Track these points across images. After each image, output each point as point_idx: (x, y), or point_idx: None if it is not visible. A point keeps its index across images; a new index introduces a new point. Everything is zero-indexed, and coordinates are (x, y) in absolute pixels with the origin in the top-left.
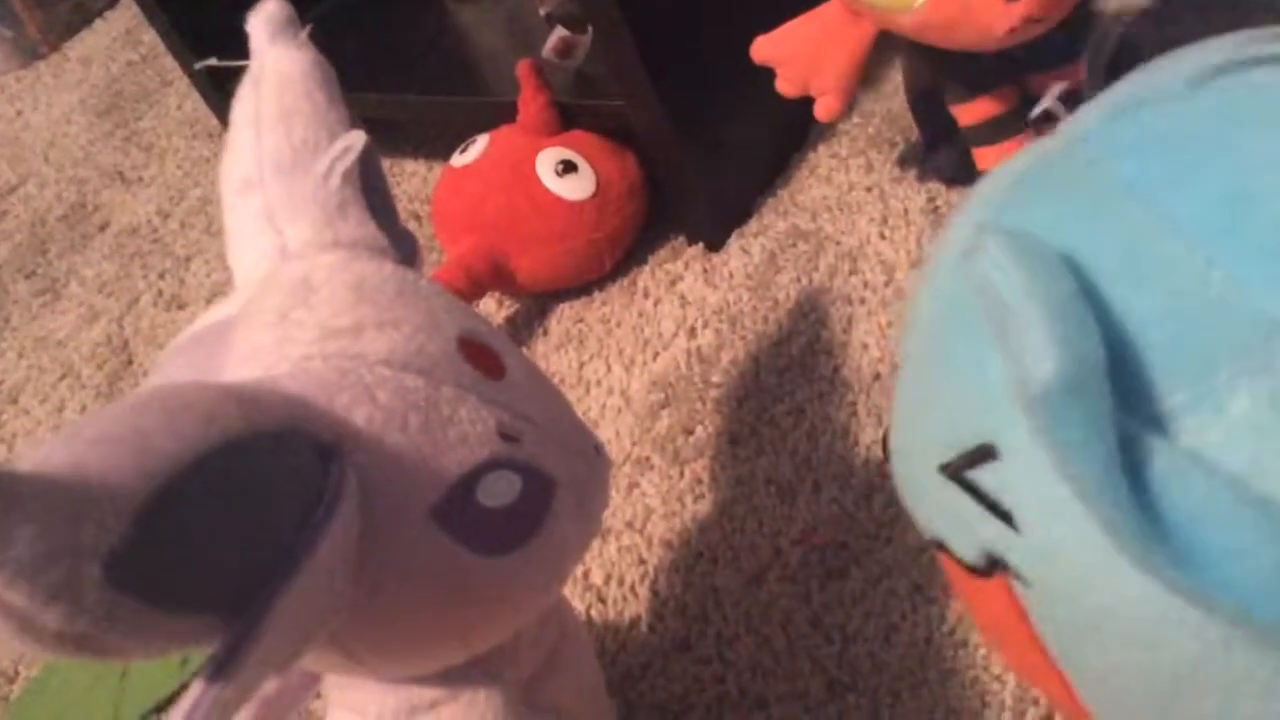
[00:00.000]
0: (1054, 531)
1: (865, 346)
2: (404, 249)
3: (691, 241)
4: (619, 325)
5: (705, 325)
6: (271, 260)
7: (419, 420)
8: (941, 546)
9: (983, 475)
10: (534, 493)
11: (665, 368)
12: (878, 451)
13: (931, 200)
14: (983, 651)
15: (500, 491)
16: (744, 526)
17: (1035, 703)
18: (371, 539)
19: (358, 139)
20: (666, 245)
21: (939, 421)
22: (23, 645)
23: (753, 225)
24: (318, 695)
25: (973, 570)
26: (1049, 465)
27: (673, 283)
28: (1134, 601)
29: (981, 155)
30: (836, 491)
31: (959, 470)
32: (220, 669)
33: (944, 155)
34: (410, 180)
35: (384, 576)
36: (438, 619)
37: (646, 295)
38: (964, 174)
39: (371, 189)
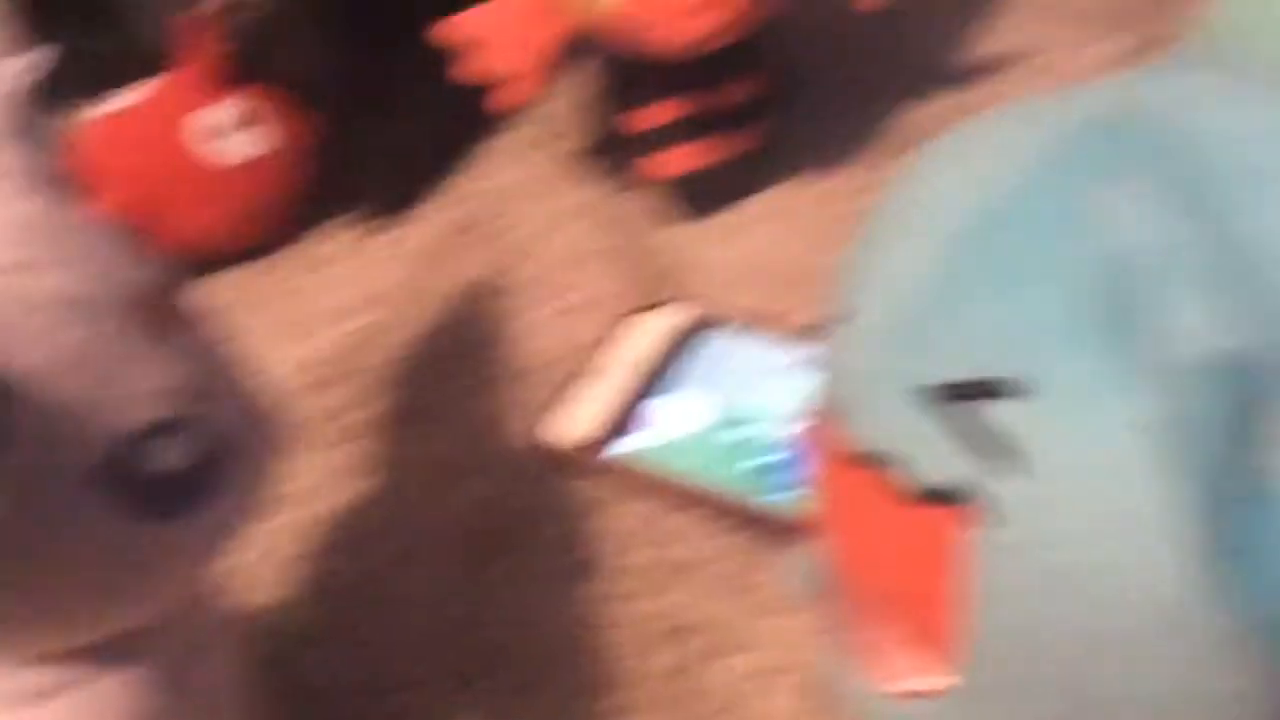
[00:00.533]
0: (1085, 486)
1: (529, 337)
2: (70, 189)
3: (364, 216)
4: (284, 297)
5: (375, 302)
6: None
7: (84, 373)
8: (882, 464)
9: (997, 407)
10: (204, 459)
11: (331, 344)
12: (535, 440)
13: (605, 198)
14: (631, 629)
15: (167, 455)
16: (402, 508)
17: (678, 670)
18: (23, 498)
19: (25, 66)
20: (337, 218)
21: (939, 342)
22: None
23: (427, 207)
24: None
25: (917, 497)
26: (1128, 426)
27: (342, 257)
28: (1145, 575)
29: (659, 158)
30: (494, 476)
31: (957, 396)
32: None
33: (621, 154)
34: (68, 128)
35: (33, 539)
36: (87, 586)
37: (314, 268)
38: (638, 171)
39: (36, 123)
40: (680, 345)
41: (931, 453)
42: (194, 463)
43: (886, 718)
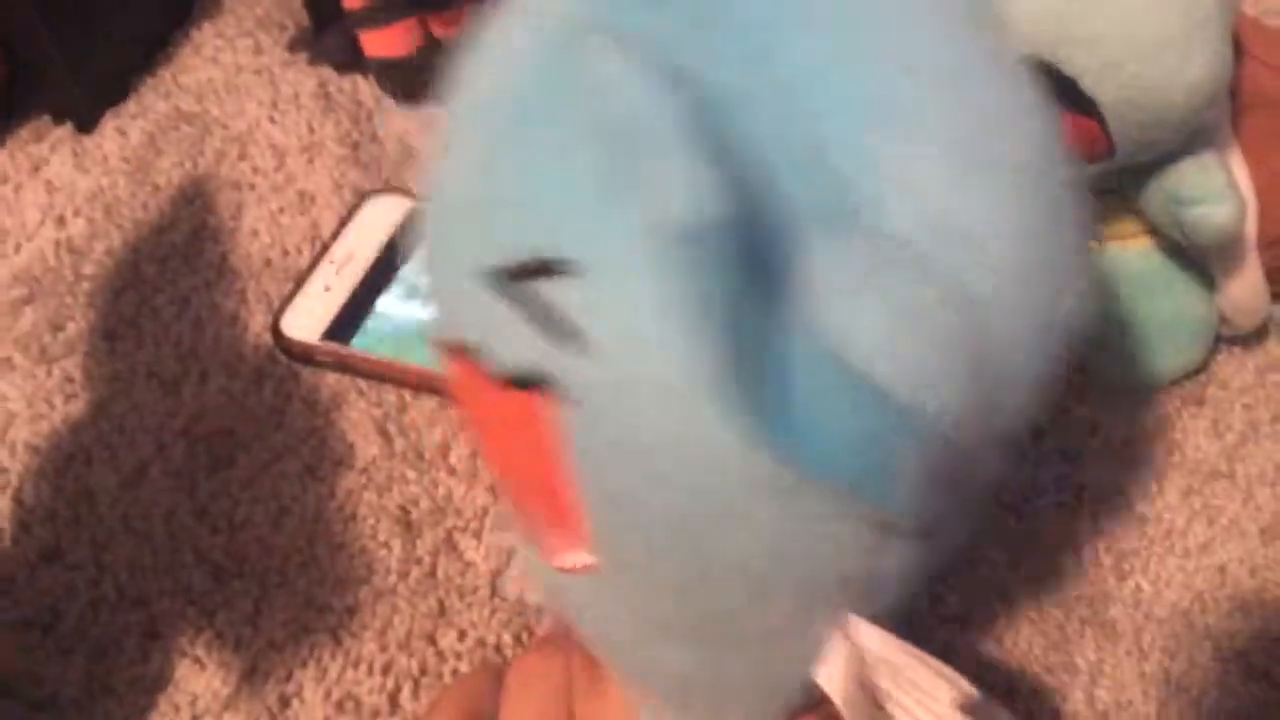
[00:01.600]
0: (636, 362)
1: (255, 233)
2: None
3: (58, 121)
4: None
5: (76, 213)
6: None
7: None
8: (462, 352)
9: (551, 289)
10: None
11: (29, 260)
12: (268, 339)
13: (322, 85)
14: (370, 522)
15: None
16: (123, 424)
17: (418, 562)
18: None
19: None
20: (28, 125)
21: (496, 222)
22: None
23: (130, 106)
24: None
25: (501, 382)
26: (652, 298)
27: (37, 167)
28: (704, 435)
29: (367, 40)
30: (224, 380)
31: (517, 277)
32: None
33: (332, 39)
34: None
35: None
36: None
37: (6, 180)
38: (353, 58)
39: None
40: (411, 231)
41: (504, 337)
42: None
43: (553, 590)
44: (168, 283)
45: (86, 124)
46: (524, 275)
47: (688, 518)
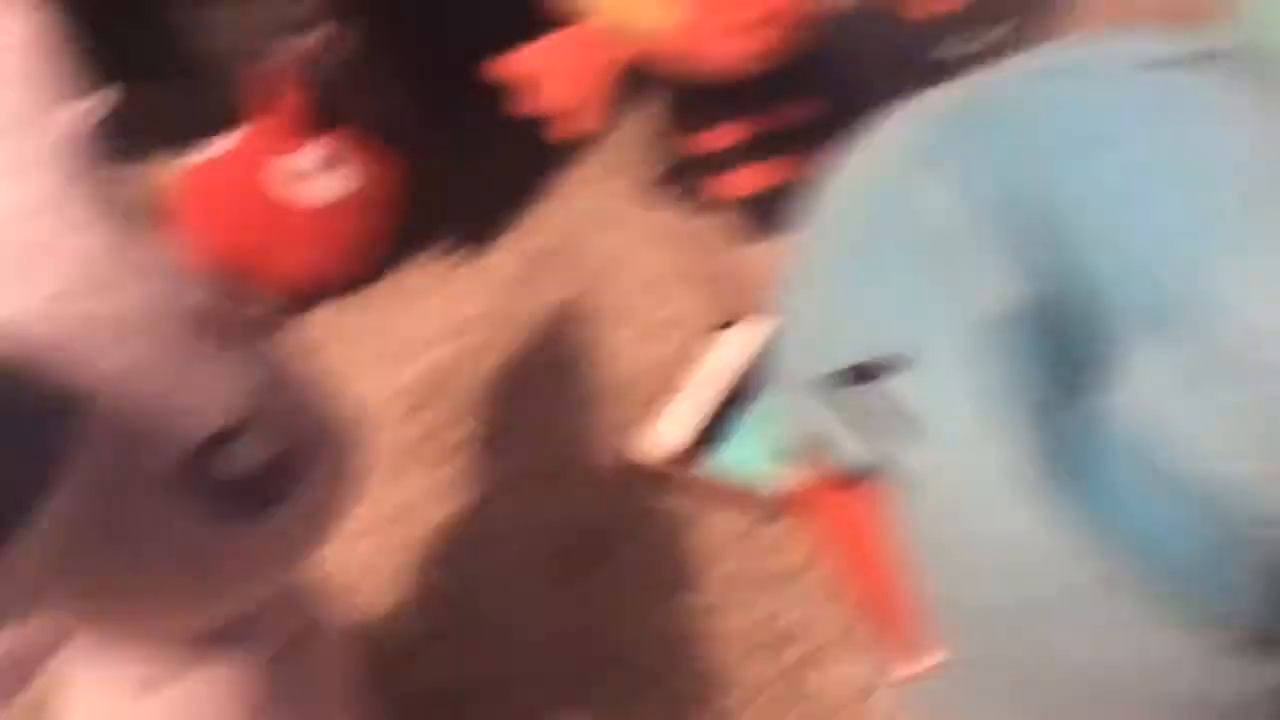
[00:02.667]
0: (959, 447)
1: (618, 356)
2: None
3: (448, 249)
4: (379, 327)
5: (463, 329)
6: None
7: (153, 383)
8: (810, 453)
9: (892, 383)
10: (279, 461)
11: (424, 370)
12: (628, 455)
13: (682, 220)
14: (728, 638)
15: (242, 459)
16: (503, 521)
17: (777, 682)
18: (107, 503)
19: (95, 103)
20: (426, 250)
21: (844, 330)
22: None
23: (508, 237)
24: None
25: (845, 476)
26: (970, 386)
27: (430, 288)
28: (1028, 530)
29: (727, 179)
30: (591, 491)
31: (864, 375)
32: None
33: (692, 178)
34: (153, 176)
35: (121, 542)
36: (175, 585)
37: (404, 300)
38: (706, 198)
39: (101, 157)
40: (760, 359)
41: (846, 434)
42: (266, 467)
43: (912, 695)
44: (543, 396)
45: (476, 250)
46: (864, 375)
47: (1021, 610)
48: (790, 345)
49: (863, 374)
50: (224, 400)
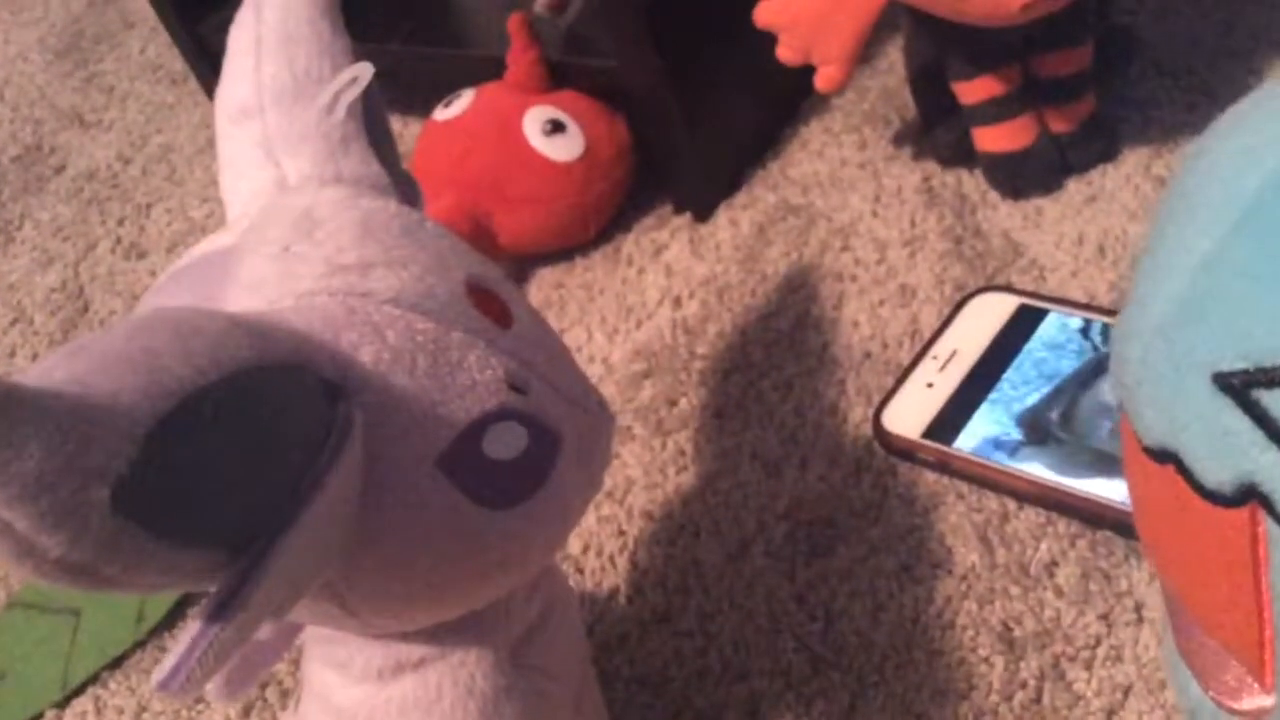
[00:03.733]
0: None
1: (855, 324)
2: (406, 191)
3: (679, 210)
4: (602, 292)
5: (691, 296)
6: (269, 193)
7: (427, 364)
8: (1172, 460)
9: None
10: (540, 446)
11: (649, 337)
12: (866, 430)
13: (926, 180)
14: (970, 633)
15: (507, 443)
16: (727, 500)
17: (1023, 686)
18: (375, 484)
19: (364, 71)
20: (653, 213)
21: (1235, 326)
22: (21, 570)
23: (742, 197)
24: (295, 652)
25: (1210, 495)
26: None
27: (658, 251)
28: None
29: (981, 135)
30: (824, 469)
31: (1247, 385)
32: (221, 609)
33: (941, 134)
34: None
35: (385, 525)
36: (436, 571)
37: (631, 263)
38: (962, 154)
39: (374, 126)
40: (1016, 329)
41: (1216, 447)
42: (532, 448)
43: None
44: (773, 367)
45: (703, 214)
46: (1256, 383)
47: None
48: (1159, 330)
49: (1252, 380)
50: (493, 381)
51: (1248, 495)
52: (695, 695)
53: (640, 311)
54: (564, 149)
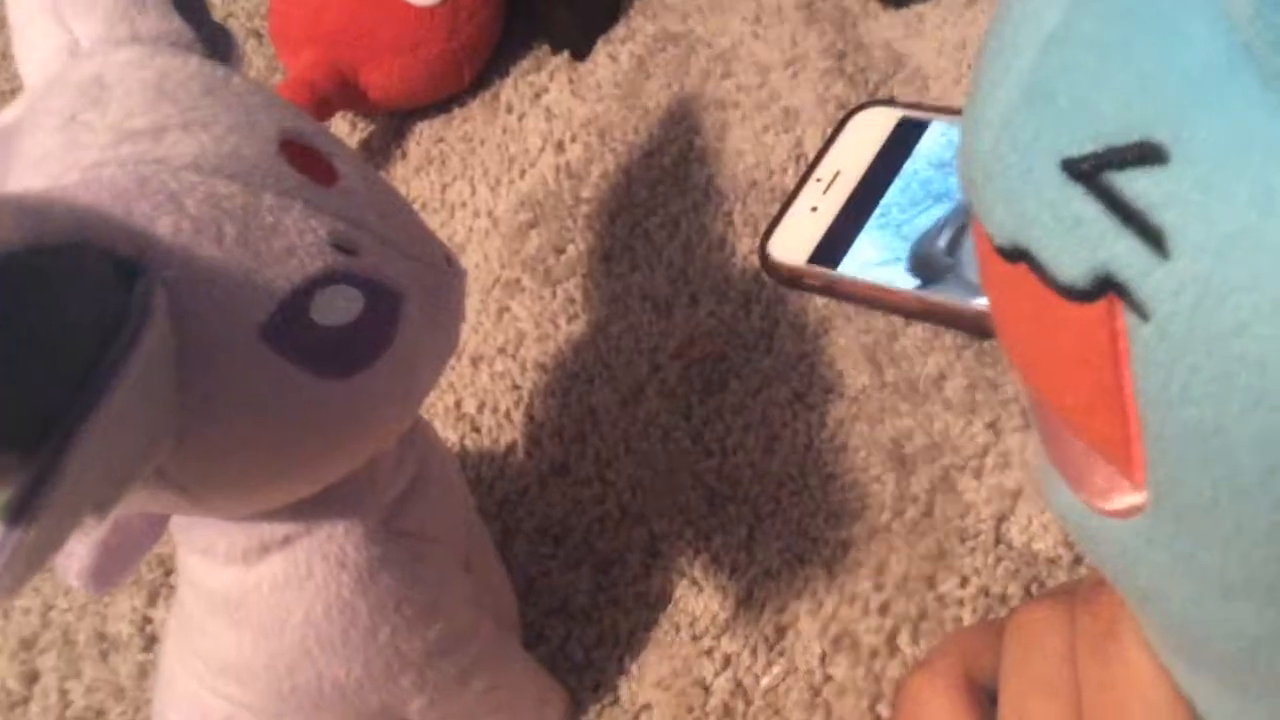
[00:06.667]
0: (1226, 263)
1: (740, 153)
2: (218, 47)
3: (555, 50)
4: (482, 143)
5: (573, 139)
6: (60, 60)
7: (236, 230)
8: (1024, 257)
9: (1133, 181)
10: (377, 308)
11: (532, 185)
12: (755, 261)
13: None
14: (863, 454)
15: (338, 307)
16: (620, 345)
17: (914, 500)
18: (194, 364)
19: None
20: (529, 56)
21: (1084, 105)
22: None
23: (619, 30)
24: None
25: (1065, 291)
26: (1255, 180)
27: (537, 95)
28: None
29: None
30: (714, 304)
31: (1098, 169)
32: (20, 512)
33: None
34: None
35: (214, 405)
36: (279, 449)
37: (510, 110)
38: None
39: None
40: (900, 145)
41: (1068, 239)
42: (369, 311)
43: (1093, 536)
44: (659, 205)
45: (580, 51)
46: (1110, 164)
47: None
48: (1002, 119)
49: (1102, 162)
50: (316, 243)
51: (1104, 287)
52: (596, 541)
53: (523, 160)
54: None
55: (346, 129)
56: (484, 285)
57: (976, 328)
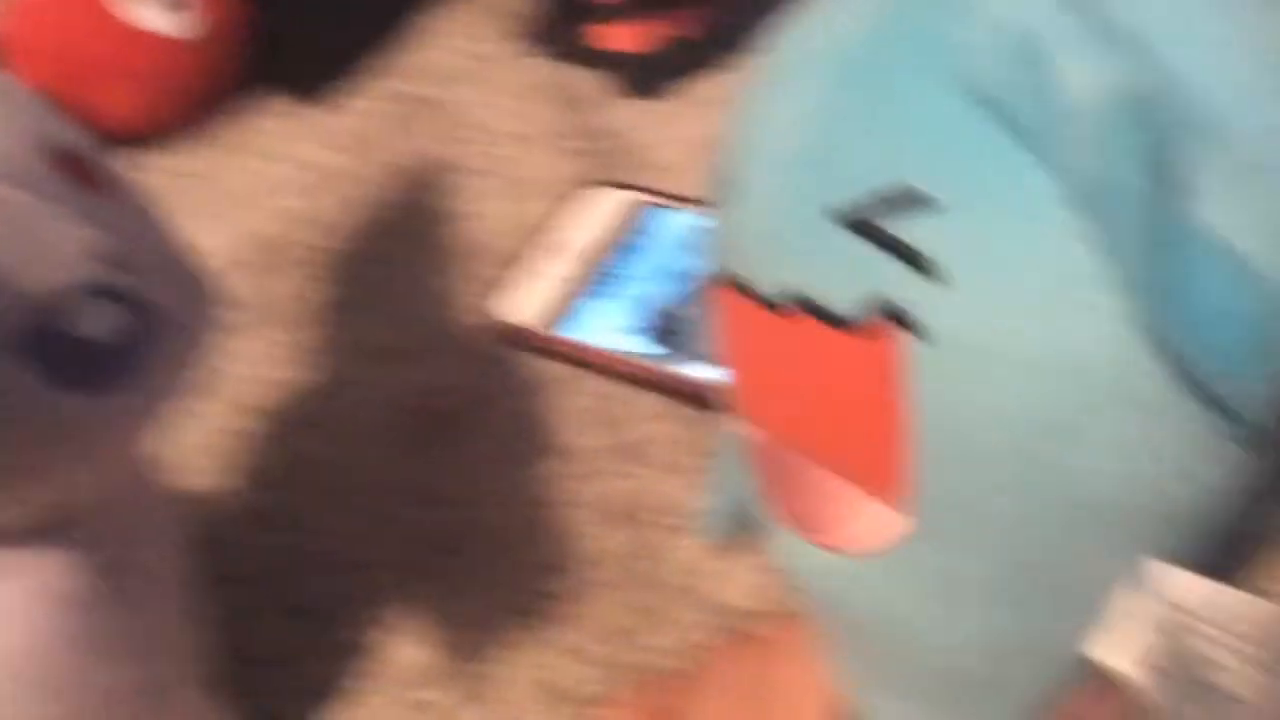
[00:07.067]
0: (995, 284)
1: (472, 216)
2: None
3: (296, 98)
4: (216, 182)
5: (307, 187)
6: None
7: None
8: (797, 301)
9: (903, 223)
10: (136, 326)
11: (262, 229)
12: (482, 320)
13: (547, 76)
14: (576, 510)
15: (97, 321)
16: (344, 394)
17: (622, 555)
18: None
19: None
20: (270, 100)
21: (851, 166)
22: None
23: (362, 85)
24: None
25: (842, 321)
26: (1022, 210)
27: (271, 140)
28: (1085, 350)
29: (607, 34)
30: (442, 359)
31: (870, 215)
32: None
33: (562, 31)
34: None
35: None
36: (14, 459)
37: (243, 151)
38: (582, 52)
39: None
40: (630, 224)
41: (843, 276)
42: (124, 332)
43: (829, 583)
44: (390, 259)
45: (322, 100)
46: (877, 211)
47: (1037, 445)
48: (772, 178)
49: (877, 209)
50: (80, 254)
51: (880, 314)
52: (298, 590)
53: (252, 202)
54: (175, 23)
55: None
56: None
57: (693, 398)
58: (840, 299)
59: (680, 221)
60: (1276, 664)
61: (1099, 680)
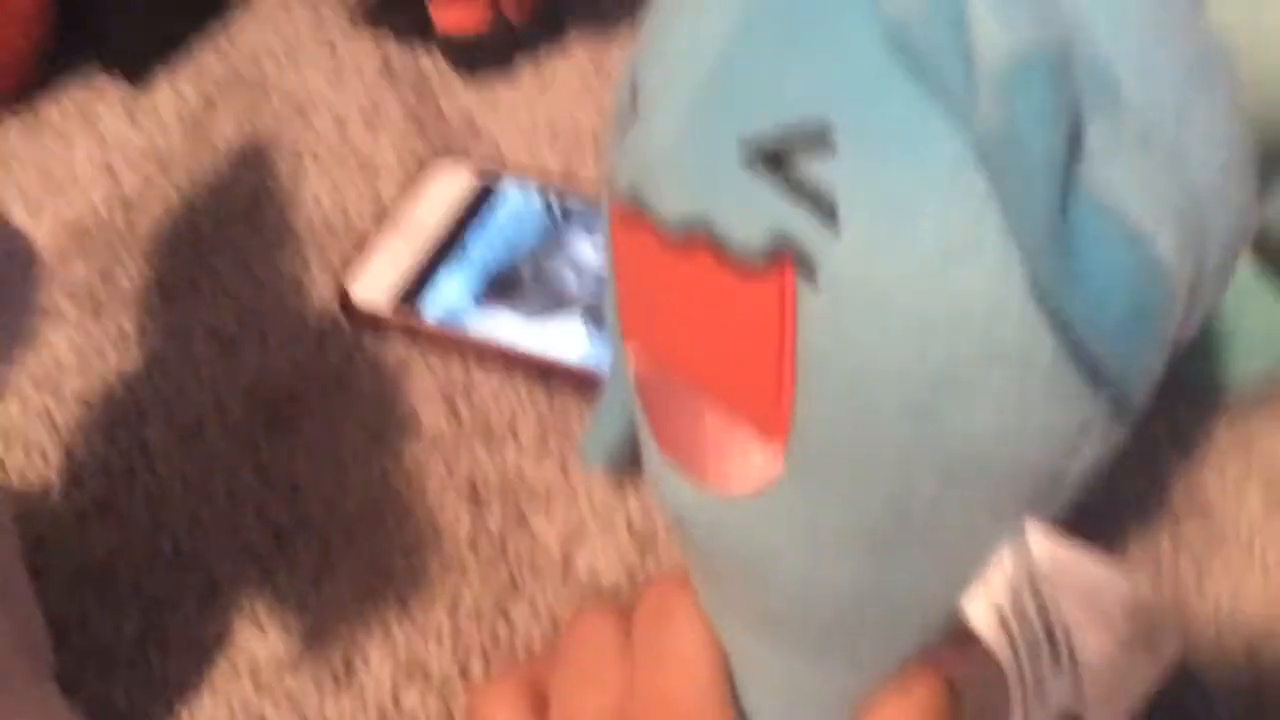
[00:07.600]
0: (888, 228)
1: (317, 199)
2: None
3: (108, 71)
4: (21, 163)
5: (130, 169)
6: None
7: None
8: (700, 227)
9: (807, 161)
10: None
11: (79, 213)
12: (330, 303)
13: (386, 57)
14: (439, 492)
15: None
16: (177, 380)
17: (488, 535)
18: None
19: None
20: (80, 78)
21: (763, 96)
22: None
23: (184, 63)
24: None
25: (742, 253)
26: (922, 160)
27: (88, 119)
28: (971, 301)
29: (441, 15)
30: (286, 343)
31: (777, 150)
32: None
33: (400, 12)
34: None
35: None
36: None
37: (56, 131)
38: (419, 32)
39: None
40: (477, 201)
41: (747, 208)
42: None
43: (710, 522)
44: (227, 243)
45: (140, 79)
46: (783, 147)
47: (918, 396)
48: (678, 107)
49: (780, 145)
50: None
51: (780, 249)
52: (145, 582)
53: (69, 185)
54: None
55: None
56: None
57: (548, 375)
58: (741, 231)
59: (526, 196)
60: (1122, 629)
61: (963, 631)
